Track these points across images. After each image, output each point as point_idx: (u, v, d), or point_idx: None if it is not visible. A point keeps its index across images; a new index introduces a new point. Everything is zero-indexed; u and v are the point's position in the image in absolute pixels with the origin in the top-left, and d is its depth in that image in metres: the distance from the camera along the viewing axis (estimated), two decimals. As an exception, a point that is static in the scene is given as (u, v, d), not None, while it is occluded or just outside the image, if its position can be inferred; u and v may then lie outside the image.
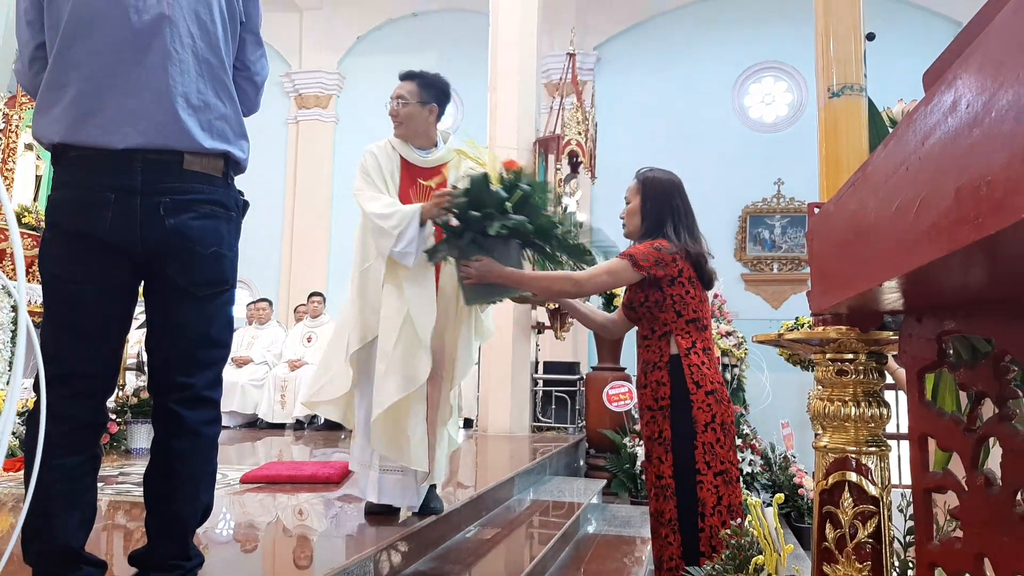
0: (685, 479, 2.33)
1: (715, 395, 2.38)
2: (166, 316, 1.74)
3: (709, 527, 2.29)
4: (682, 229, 2.54)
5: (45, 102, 1.68)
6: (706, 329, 2.49)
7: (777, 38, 9.72)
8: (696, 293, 2.47)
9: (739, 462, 2.42)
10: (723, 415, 2.37)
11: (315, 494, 3.55)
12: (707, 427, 2.34)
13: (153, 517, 1.74)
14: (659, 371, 2.42)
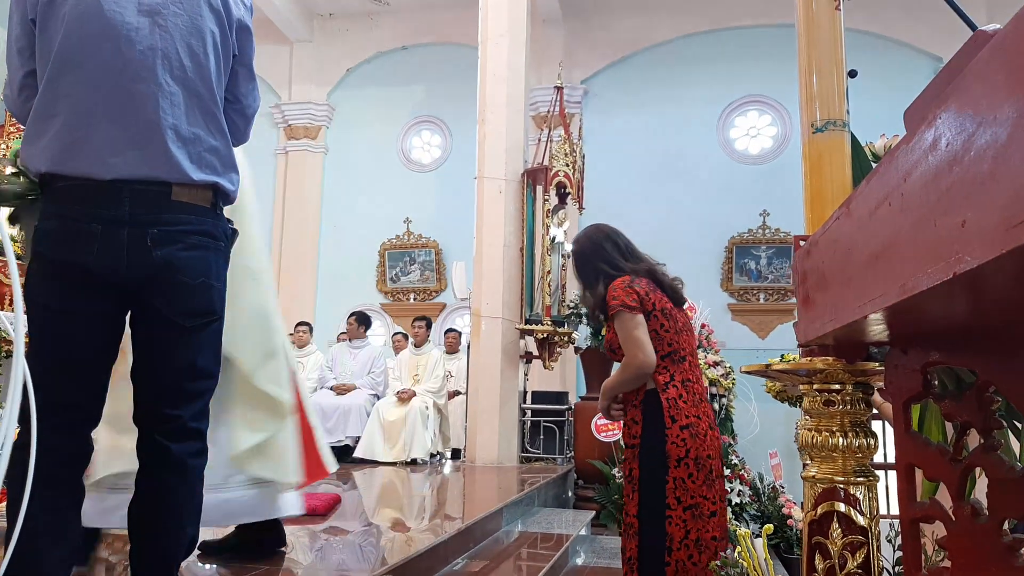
0: (650, 517, 2.34)
1: (690, 429, 2.39)
2: (153, 347, 1.73)
3: (676, 561, 2.30)
4: (619, 259, 2.63)
5: (34, 131, 1.69)
6: (683, 361, 2.48)
7: (761, 73, 9.89)
8: (669, 324, 2.48)
9: (714, 496, 2.38)
10: (697, 450, 2.37)
11: (300, 526, 3.50)
12: (680, 462, 2.36)
13: (138, 549, 1.71)
14: (634, 409, 2.46)
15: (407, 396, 7.01)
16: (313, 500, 3.89)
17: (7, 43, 1.77)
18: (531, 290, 7.01)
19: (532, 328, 6.89)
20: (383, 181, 10.98)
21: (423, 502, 4.87)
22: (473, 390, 6.86)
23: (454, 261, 9.66)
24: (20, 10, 1.71)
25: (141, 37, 1.68)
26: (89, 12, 1.65)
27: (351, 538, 3.48)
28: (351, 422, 7.01)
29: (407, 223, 10.76)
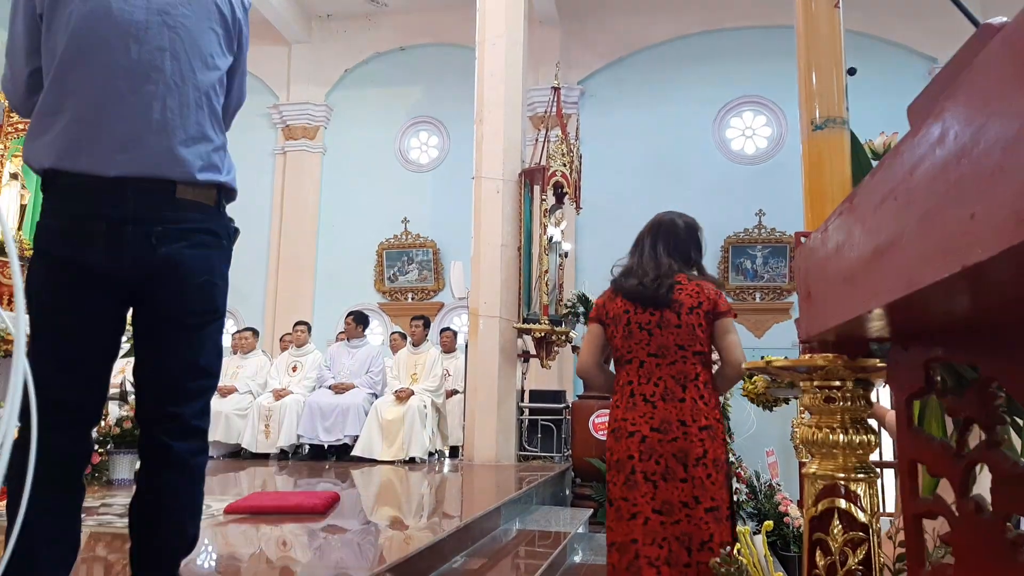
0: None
1: (615, 432, 2.45)
2: (155, 345, 1.73)
3: (609, 564, 2.39)
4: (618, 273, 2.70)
5: (39, 127, 1.68)
6: (630, 363, 2.49)
7: (756, 73, 9.91)
8: (616, 330, 2.54)
9: (635, 498, 2.35)
10: (617, 452, 2.42)
11: (299, 524, 3.50)
12: (609, 466, 2.46)
13: (139, 548, 1.71)
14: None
15: (405, 395, 7.01)
16: (312, 499, 3.89)
17: (10, 39, 1.76)
18: (528, 289, 7.02)
19: (530, 327, 6.90)
20: (381, 181, 10.97)
21: (421, 500, 4.87)
22: (471, 389, 6.86)
23: (452, 261, 9.66)
24: (27, 5, 1.70)
25: (150, 36, 1.68)
26: (98, 10, 1.65)
27: (350, 536, 3.48)
28: (349, 421, 7.00)
29: (405, 223, 10.76)
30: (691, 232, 2.71)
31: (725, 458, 2.35)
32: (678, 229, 2.68)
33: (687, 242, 2.67)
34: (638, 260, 2.64)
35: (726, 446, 2.41)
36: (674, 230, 2.68)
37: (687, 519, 2.27)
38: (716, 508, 2.27)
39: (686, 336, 2.44)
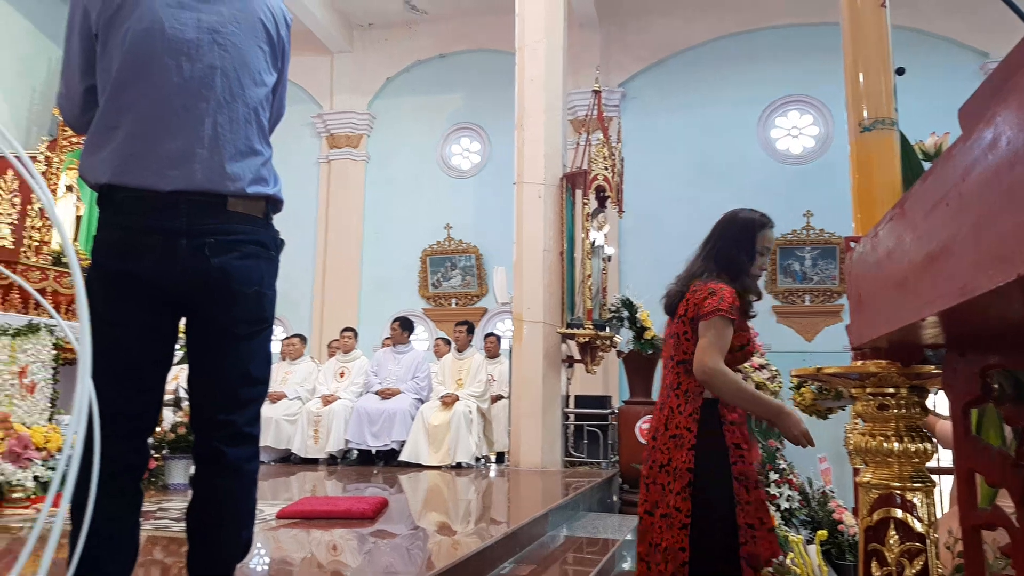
0: None
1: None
2: (208, 355, 1.77)
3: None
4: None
5: (95, 142, 1.74)
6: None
7: (801, 72, 9.75)
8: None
9: (641, 500, 2.43)
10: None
11: (349, 529, 3.55)
12: None
13: (195, 553, 1.75)
14: None
15: (450, 400, 7.05)
16: (361, 504, 3.94)
17: (65, 57, 1.82)
18: (572, 294, 7.00)
19: (573, 332, 6.88)
20: (423, 188, 11.07)
21: (469, 506, 4.89)
22: (516, 394, 6.87)
23: (495, 266, 9.69)
24: (83, 25, 1.76)
25: (201, 55, 1.73)
26: (152, 29, 1.70)
27: (399, 541, 3.51)
28: (396, 426, 7.07)
29: (447, 229, 10.83)
30: (744, 230, 2.54)
31: (689, 467, 2.26)
32: (730, 227, 2.57)
33: (734, 241, 2.53)
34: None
35: (702, 454, 2.28)
36: (725, 228, 2.59)
37: (649, 523, 2.37)
38: (668, 515, 2.28)
39: (671, 346, 2.50)
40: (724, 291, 2.35)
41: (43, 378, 4.65)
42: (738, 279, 2.42)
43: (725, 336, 2.30)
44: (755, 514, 2.21)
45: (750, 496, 2.24)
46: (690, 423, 2.32)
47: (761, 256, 2.51)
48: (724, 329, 2.30)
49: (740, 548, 2.15)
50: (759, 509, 2.23)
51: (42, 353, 4.66)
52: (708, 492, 2.25)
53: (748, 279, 2.46)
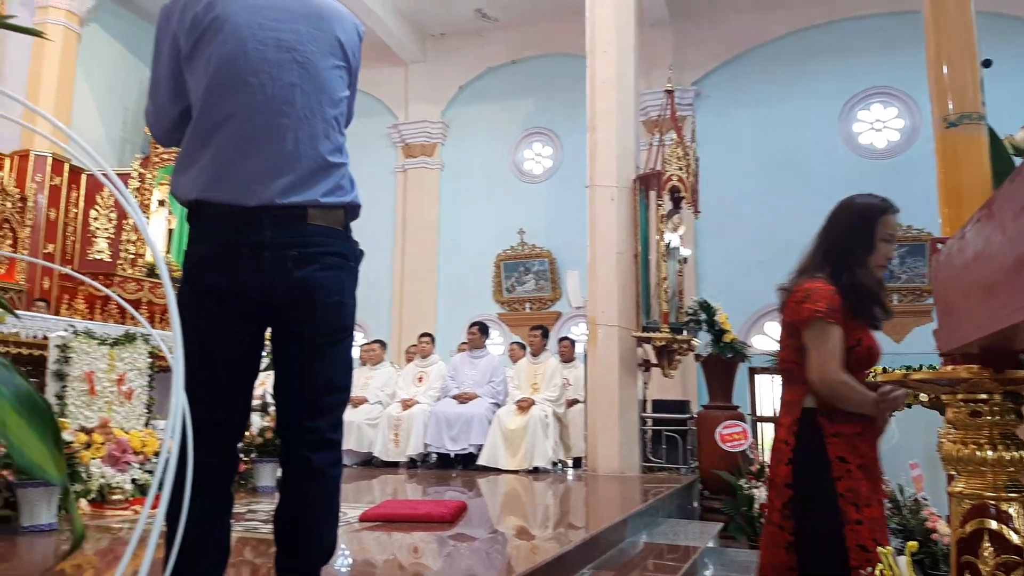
0: None
1: None
2: (292, 363, 1.84)
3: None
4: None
5: (184, 162, 1.83)
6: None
7: (884, 63, 9.41)
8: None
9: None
10: None
11: (429, 532, 3.61)
12: None
13: (283, 555, 1.82)
14: None
15: (526, 405, 7.08)
16: (441, 507, 3.99)
17: (153, 78, 1.92)
18: (647, 297, 6.93)
19: (649, 335, 6.81)
20: (496, 193, 11.17)
21: (547, 511, 4.90)
22: (592, 399, 6.84)
23: (568, 270, 9.69)
24: (171, 49, 1.85)
25: (282, 73, 1.81)
26: (236, 50, 1.78)
27: (478, 545, 3.55)
28: (474, 430, 7.14)
29: (521, 234, 10.89)
30: (861, 217, 2.26)
31: (788, 482, 2.11)
32: (845, 214, 2.29)
33: (850, 230, 2.24)
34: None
35: (801, 468, 2.11)
36: (838, 216, 2.30)
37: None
38: (774, 533, 2.16)
39: (779, 352, 2.34)
40: (819, 291, 2.15)
41: (139, 385, 4.89)
42: (846, 273, 2.19)
43: (832, 340, 2.10)
44: (869, 535, 2.02)
45: (861, 515, 2.04)
46: (788, 435, 2.17)
47: (886, 243, 2.26)
48: (828, 333, 2.10)
49: (851, 572, 1.98)
50: (874, 529, 2.04)
51: (139, 361, 4.90)
52: (811, 510, 2.09)
53: (861, 272, 2.20)
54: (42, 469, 0.56)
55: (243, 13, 1.79)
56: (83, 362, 4.52)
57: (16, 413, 0.55)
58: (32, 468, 0.55)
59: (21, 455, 0.55)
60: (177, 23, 1.81)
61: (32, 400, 0.57)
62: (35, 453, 0.56)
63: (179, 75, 1.86)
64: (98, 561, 2.97)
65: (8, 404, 0.55)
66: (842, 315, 2.13)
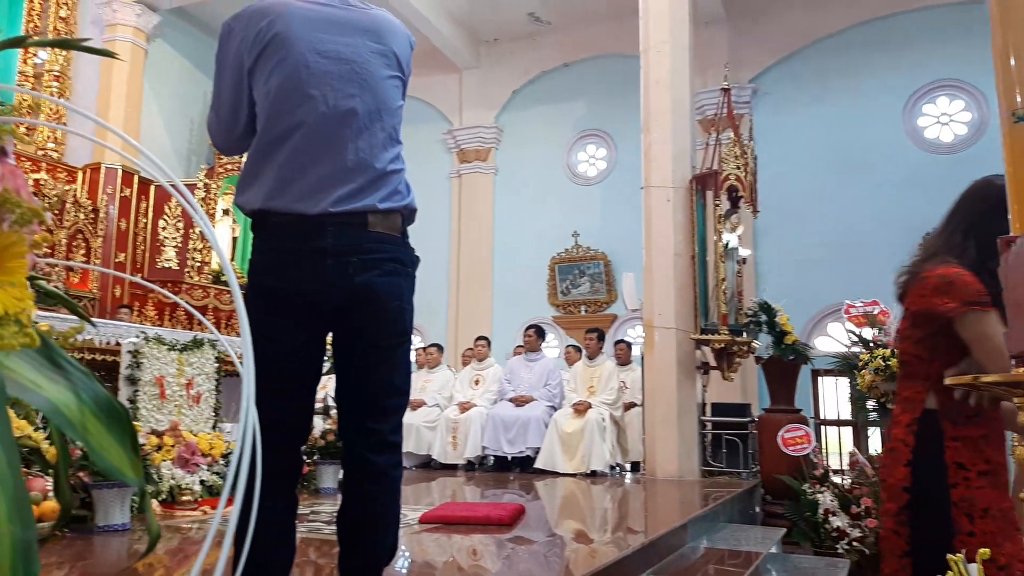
0: None
1: None
2: (353, 367, 1.88)
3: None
4: None
5: (249, 174, 1.89)
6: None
7: (950, 55, 9.11)
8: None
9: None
10: None
11: (488, 535, 3.63)
12: None
13: (346, 555, 1.86)
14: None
15: (583, 408, 7.06)
16: (499, 510, 4.01)
17: (216, 91, 1.98)
18: (705, 299, 6.84)
19: (708, 338, 6.71)
20: (551, 197, 11.17)
21: (605, 514, 4.88)
22: (649, 402, 6.78)
23: (623, 272, 9.63)
24: (235, 63, 1.91)
25: (343, 85, 1.86)
26: (298, 64, 1.84)
27: (536, 548, 3.56)
28: (531, 433, 7.15)
29: (575, 236, 10.87)
30: (1003, 203, 2.09)
31: (905, 485, 1.97)
32: (989, 196, 2.01)
33: (994, 216, 1.88)
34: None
35: (920, 472, 1.97)
36: (981, 198, 2.06)
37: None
38: (887, 538, 2.05)
39: (899, 344, 2.17)
40: (961, 277, 1.93)
41: (207, 389, 5.04)
42: (986, 260, 1.93)
43: (994, 330, 1.85)
44: (980, 548, 1.89)
45: (975, 526, 1.88)
46: (907, 435, 2.03)
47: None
48: (986, 323, 1.87)
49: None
50: (991, 542, 1.83)
51: (206, 366, 5.05)
52: (926, 518, 1.96)
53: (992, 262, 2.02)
54: (120, 472, 0.59)
55: (303, 28, 1.85)
56: (154, 367, 4.69)
57: (96, 419, 0.58)
58: (111, 471, 0.58)
59: (101, 459, 0.58)
60: (240, 39, 1.87)
61: (111, 406, 0.60)
62: (114, 457, 0.58)
63: (241, 89, 1.92)
64: (168, 560, 3.07)
65: (89, 410, 0.58)
66: (990, 303, 1.88)
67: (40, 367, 0.58)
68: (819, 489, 5.49)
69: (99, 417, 0.58)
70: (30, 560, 0.48)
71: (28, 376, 0.56)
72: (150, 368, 4.66)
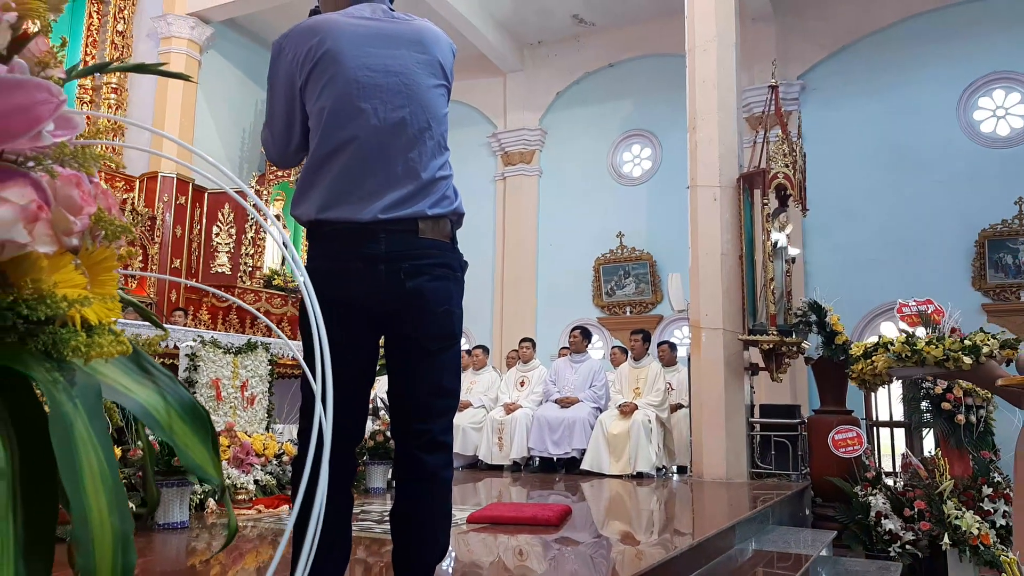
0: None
1: None
2: (405, 368, 1.93)
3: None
4: None
5: (304, 186, 1.96)
6: None
7: (1005, 47, 8.86)
8: None
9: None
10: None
11: (534, 536, 3.66)
12: None
13: (399, 553, 1.91)
14: None
15: (629, 409, 7.04)
16: (546, 511, 4.04)
17: (269, 107, 2.05)
18: (753, 299, 6.77)
19: (756, 339, 6.64)
20: (595, 197, 11.15)
21: (651, 516, 4.87)
22: (696, 404, 6.74)
23: (669, 273, 9.57)
24: (287, 81, 1.98)
25: (392, 97, 1.92)
26: (348, 79, 1.90)
27: (583, 549, 3.58)
28: (576, 435, 7.16)
29: (620, 237, 10.83)
30: None
31: None
32: None
33: None
34: None
35: None
36: None
37: None
38: None
39: None
40: None
41: (260, 391, 5.17)
42: None
43: None
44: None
45: None
46: None
47: None
48: None
49: None
50: None
51: (260, 368, 5.18)
52: None
53: None
54: (203, 470, 0.63)
55: (352, 44, 1.91)
56: (210, 370, 4.82)
57: (181, 420, 0.63)
58: (196, 469, 0.62)
59: (187, 457, 0.62)
60: (291, 58, 1.94)
61: (194, 408, 0.65)
62: (198, 456, 0.63)
63: (294, 106, 1.98)
64: (224, 557, 3.18)
65: (175, 412, 0.63)
66: None
67: (130, 372, 0.62)
68: (871, 491, 5.40)
69: (184, 419, 0.63)
70: (128, 549, 0.52)
71: (120, 381, 0.61)
72: (207, 371, 4.80)
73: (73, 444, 0.50)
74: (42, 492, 0.50)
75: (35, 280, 0.50)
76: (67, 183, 0.53)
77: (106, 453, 0.54)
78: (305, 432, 1.87)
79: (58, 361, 0.55)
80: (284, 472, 4.76)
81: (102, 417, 0.55)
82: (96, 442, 0.53)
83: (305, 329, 1.95)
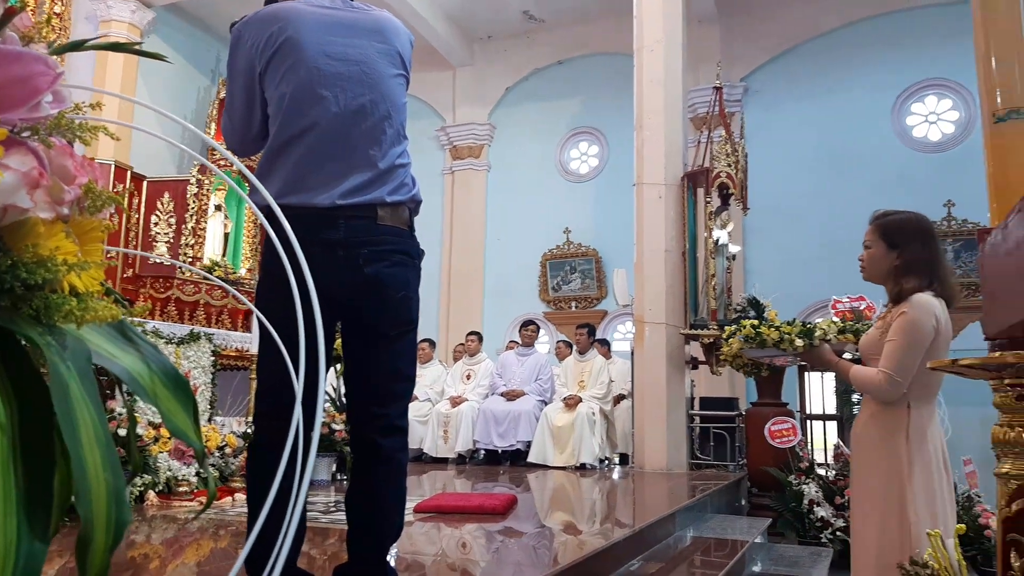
0: None
1: None
2: (362, 354, 1.95)
3: None
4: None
5: (264, 171, 1.96)
6: None
7: (938, 55, 9.24)
8: None
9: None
10: None
11: (478, 526, 3.69)
12: None
13: (355, 534, 1.93)
14: None
15: (574, 402, 7.14)
16: (493, 500, 4.09)
17: (229, 95, 2.04)
18: (695, 295, 6.94)
19: (697, 333, 6.81)
20: (542, 193, 11.23)
21: (594, 506, 4.96)
22: (639, 396, 6.87)
23: (614, 268, 9.71)
24: (247, 69, 1.97)
25: (352, 85, 1.93)
26: (309, 67, 1.90)
27: (526, 539, 3.63)
28: (521, 427, 7.23)
29: (567, 233, 10.93)
30: None
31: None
32: None
33: None
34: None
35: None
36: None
37: None
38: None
39: None
40: None
41: (203, 382, 5.09)
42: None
43: None
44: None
45: None
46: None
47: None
48: None
49: None
50: None
51: (202, 359, 5.10)
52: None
53: None
54: (186, 434, 0.66)
55: (313, 32, 1.92)
56: (151, 359, 4.72)
57: (164, 387, 0.65)
58: (179, 434, 0.64)
59: (171, 422, 0.64)
60: (250, 45, 1.94)
61: (176, 377, 0.67)
62: (180, 421, 0.65)
63: (253, 93, 1.98)
64: (164, 550, 3.13)
65: (158, 379, 0.65)
66: None
67: (114, 339, 0.64)
68: (804, 481, 5.60)
69: (167, 385, 0.65)
70: (121, 504, 0.54)
71: (106, 347, 0.62)
72: (147, 360, 4.70)
73: (70, 403, 0.52)
74: (39, 447, 0.52)
75: (34, 244, 0.51)
76: (61, 153, 0.55)
77: (98, 413, 0.56)
78: (264, 416, 1.87)
79: (48, 326, 0.57)
80: (227, 464, 4.70)
81: (92, 379, 0.57)
82: (88, 402, 0.55)
83: (269, 304, 1.94)
